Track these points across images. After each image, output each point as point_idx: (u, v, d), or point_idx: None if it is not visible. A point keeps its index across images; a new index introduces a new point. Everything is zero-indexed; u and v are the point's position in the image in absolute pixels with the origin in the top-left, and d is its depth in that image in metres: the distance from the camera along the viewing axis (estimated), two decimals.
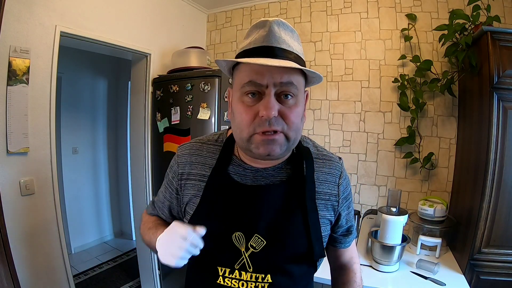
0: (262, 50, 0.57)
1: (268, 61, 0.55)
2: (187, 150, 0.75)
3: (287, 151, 0.64)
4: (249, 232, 0.64)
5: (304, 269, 0.69)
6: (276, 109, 0.56)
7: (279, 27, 0.59)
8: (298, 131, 0.62)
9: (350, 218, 0.77)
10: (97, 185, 3.55)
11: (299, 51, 0.62)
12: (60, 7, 1.58)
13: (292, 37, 0.61)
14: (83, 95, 3.32)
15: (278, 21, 0.59)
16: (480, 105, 1.49)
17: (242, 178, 0.68)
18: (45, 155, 1.59)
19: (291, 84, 0.57)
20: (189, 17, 2.50)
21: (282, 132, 0.58)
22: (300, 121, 0.61)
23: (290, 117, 0.58)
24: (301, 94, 0.62)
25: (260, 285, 0.64)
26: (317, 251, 0.66)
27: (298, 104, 0.60)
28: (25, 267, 1.48)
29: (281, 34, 0.59)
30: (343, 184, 0.73)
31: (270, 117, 0.56)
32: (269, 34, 0.58)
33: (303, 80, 0.62)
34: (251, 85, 0.57)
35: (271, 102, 0.56)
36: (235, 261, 0.65)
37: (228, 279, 0.65)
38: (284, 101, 0.58)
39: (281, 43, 0.58)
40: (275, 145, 0.58)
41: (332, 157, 0.74)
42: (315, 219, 0.67)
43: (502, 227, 1.38)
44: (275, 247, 0.64)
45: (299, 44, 0.63)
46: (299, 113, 0.61)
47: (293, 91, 0.58)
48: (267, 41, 0.58)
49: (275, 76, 0.56)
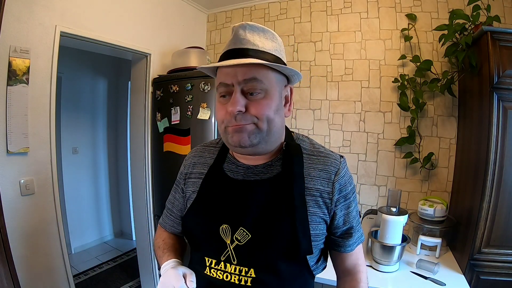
0: (229, 53, 0.64)
1: (228, 61, 0.60)
2: (192, 153, 0.83)
3: (264, 143, 0.65)
4: (235, 224, 0.66)
5: (294, 269, 0.67)
6: (242, 105, 0.61)
7: (245, 29, 0.64)
8: (271, 122, 0.64)
9: (349, 220, 0.73)
10: (97, 185, 3.55)
11: (270, 48, 0.65)
12: (60, 7, 1.58)
13: (264, 36, 0.65)
14: (83, 95, 3.32)
15: (244, 25, 0.64)
16: (480, 105, 1.49)
17: (234, 174, 0.72)
18: (45, 155, 1.59)
19: (255, 79, 0.61)
20: (189, 17, 2.50)
21: (252, 123, 0.63)
22: (272, 112, 0.64)
23: (258, 109, 0.62)
24: (272, 88, 0.64)
25: (244, 279, 0.64)
26: (303, 247, 0.64)
27: (269, 97, 0.63)
28: (25, 267, 1.48)
29: (246, 36, 0.64)
30: (340, 182, 0.70)
31: (234, 112, 0.61)
32: (233, 38, 0.64)
33: (275, 75, 0.65)
34: (222, 86, 0.64)
35: (235, 98, 0.61)
36: (221, 253, 0.66)
37: (214, 270, 0.67)
38: (252, 97, 0.63)
39: (245, 44, 0.63)
40: (244, 133, 0.63)
41: (330, 154, 0.73)
42: (303, 215, 0.66)
43: (502, 227, 1.38)
44: (260, 240, 0.64)
45: (272, 42, 0.67)
46: (270, 105, 0.63)
47: (259, 86, 0.62)
48: (233, 44, 0.64)
49: (238, 75, 0.61)
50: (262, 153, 0.69)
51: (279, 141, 0.71)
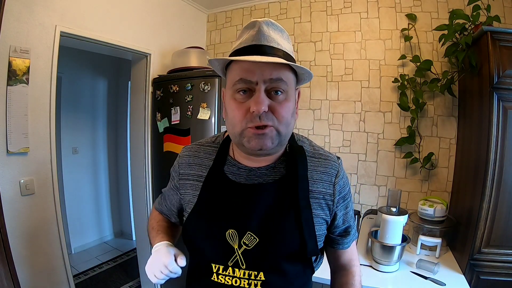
0: (252, 48, 0.60)
1: (257, 57, 0.57)
2: (187, 151, 0.79)
3: (279, 146, 0.65)
4: (241, 229, 0.65)
5: (299, 268, 0.68)
6: (266, 104, 0.58)
7: (268, 26, 0.62)
8: (289, 125, 0.63)
9: (347, 219, 0.76)
10: (97, 185, 3.54)
11: (289, 50, 0.64)
12: (60, 7, 1.58)
13: (282, 37, 0.64)
14: (83, 95, 3.32)
15: (268, 21, 0.62)
16: (480, 105, 1.49)
17: (236, 177, 0.70)
18: (45, 155, 1.59)
19: (280, 80, 0.59)
20: (189, 17, 2.50)
21: (272, 127, 0.60)
22: (290, 116, 0.63)
23: (281, 111, 0.60)
24: (291, 90, 0.63)
25: (253, 283, 0.64)
26: (310, 248, 0.65)
27: (289, 100, 0.62)
28: (25, 267, 1.48)
29: (270, 33, 0.61)
30: (340, 184, 0.71)
31: (260, 112, 0.58)
32: (258, 33, 0.61)
33: (293, 77, 0.64)
34: (242, 82, 0.59)
35: (261, 98, 0.58)
36: (228, 258, 0.65)
37: (222, 276, 0.66)
38: (275, 97, 0.60)
39: (270, 41, 0.61)
40: (266, 139, 0.60)
41: (329, 156, 0.73)
42: (309, 217, 0.67)
43: (502, 227, 1.38)
44: (268, 244, 0.64)
45: (288, 43, 0.65)
46: (290, 108, 0.62)
47: (283, 87, 0.60)
48: (256, 39, 0.60)
49: (264, 73, 0.58)
50: (272, 155, 0.69)
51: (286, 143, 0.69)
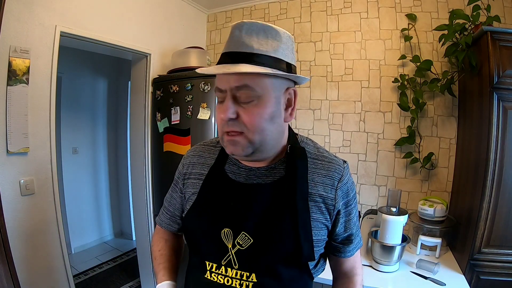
0: (225, 56, 0.61)
1: (217, 69, 0.59)
2: (191, 152, 0.81)
3: (259, 152, 0.64)
4: (236, 229, 0.65)
5: (295, 273, 0.66)
6: (232, 112, 0.59)
7: (241, 30, 0.60)
8: (263, 132, 0.61)
9: (350, 226, 0.73)
10: (97, 185, 3.54)
11: (269, 49, 0.60)
12: (60, 7, 1.58)
13: (264, 35, 0.60)
14: (83, 95, 3.32)
15: (240, 24, 0.60)
16: (480, 105, 1.49)
17: (236, 176, 0.70)
18: (45, 155, 1.59)
19: (246, 87, 0.59)
20: (189, 17, 2.50)
21: (243, 133, 0.61)
22: (263, 122, 0.61)
23: (248, 119, 0.60)
24: (267, 95, 0.60)
25: (245, 284, 0.64)
26: (306, 253, 0.64)
27: (262, 105, 0.60)
28: (25, 267, 1.48)
29: (241, 37, 0.60)
30: (342, 189, 0.69)
31: (224, 119, 0.60)
32: (230, 40, 0.61)
33: (272, 79, 0.61)
34: (218, 90, 0.63)
35: (225, 106, 0.60)
36: (222, 257, 0.65)
37: (215, 275, 0.66)
38: (245, 104, 0.60)
39: (239, 47, 0.59)
40: (236, 146, 0.62)
41: (334, 159, 0.71)
42: (306, 220, 0.65)
43: (502, 227, 1.38)
44: (262, 246, 0.63)
45: (274, 41, 0.61)
46: (262, 114, 0.60)
47: (250, 93, 0.59)
48: (227, 47, 0.61)
49: (230, 81, 0.59)
50: (261, 160, 0.68)
51: (278, 147, 0.68)
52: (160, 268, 0.78)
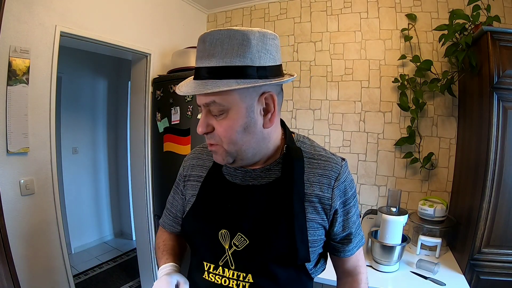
0: (195, 71, 0.62)
1: (185, 88, 0.61)
2: (191, 155, 0.83)
3: (240, 160, 0.66)
4: (233, 230, 0.66)
5: (291, 274, 0.66)
6: (204, 126, 0.62)
7: (204, 42, 0.58)
8: (236, 143, 0.62)
9: (348, 225, 0.71)
10: (97, 185, 3.54)
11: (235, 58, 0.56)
12: (60, 7, 1.58)
13: (229, 43, 0.56)
14: (83, 95, 3.32)
15: (203, 37, 0.58)
16: (480, 105, 1.49)
17: (233, 178, 0.71)
18: (45, 155, 1.59)
19: (213, 102, 0.59)
20: (189, 17, 2.50)
21: (220, 145, 0.64)
22: (236, 133, 0.61)
23: (219, 132, 0.62)
24: (236, 107, 0.59)
25: (241, 284, 0.64)
26: (301, 255, 0.63)
27: (232, 118, 0.60)
28: (25, 267, 1.48)
29: (205, 51, 0.58)
30: (340, 188, 0.68)
31: (201, 134, 0.63)
32: (196, 53, 0.61)
33: (241, 90, 0.58)
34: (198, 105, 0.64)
35: (201, 121, 0.63)
36: (219, 258, 0.66)
37: (212, 275, 0.67)
38: (217, 117, 0.61)
39: (202, 62, 0.58)
40: (217, 155, 0.65)
41: (331, 158, 0.70)
42: (302, 221, 0.64)
43: (502, 227, 1.38)
44: (257, 247, 0.63)
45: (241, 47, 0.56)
46: (233, 126, 0.60)
47: (218, 108, 0.60)
48: (195, 61, 0.62)
49: (200, 98, 0.61)
50: (249, 165, 0.69)
51: (263, 152, 0.67)
52: (164, 254, 0.77)
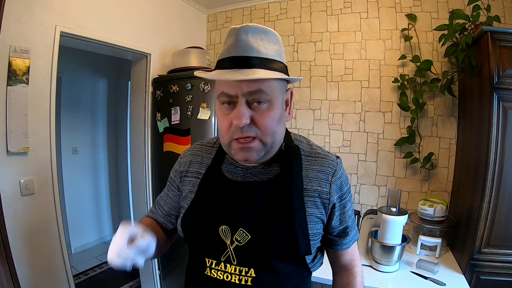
0: (231, 60, 0.60)
1: (233, 75, 0.57)
2: (189, 151, 0.83)
3: (268, 155, 0.67)
4: (234, 225, 0.66)
5: (292, 268, 0.68)
6: (247, 117, 0.60)
7: (247, 33, 0.60)
8: (274, 134, 0.64)
9: (345, 219, 0.75)
10: (97, 185, 3.54)
11: (271, 53, 0.62)
12: (60, 7, 1.58)
13: (265, 39, 0.62)
14: (83, 95, 3.32)
15: (246, 28, 0.60)
16: (480, 105, 1.49)
17: (233, 175, 0.73)
18: (45, 155, 1.59)
19: (260, 91, 0.60)
20: (189, 17, 2.50)
21: (257, 138, 0.62)
22: (275, 124, 0.63)
23: (263, 122, 0.61)
24: (276, 97, 0.63)
25: (244, 279, 0.65)
26: (302, 248, 0.65)
27: (273, 108, 0.62)
28: (25, 267, 1.48)
29: (248, 41, 0.60)
30: (337, 183, 0.72)
31: (241, 126, 0.60)
32: (236, 44, 0.60)
33: (277, 82, 0.63)
34: (224, 95, 0.62)
35: (241, 112, 0.59)
36: (221, 254, 0.67)
37: (214, 271, 0.68)
38: (257, 107, 0.61)
39: (248, 51, 0.59)
40: (251, 152, 0.63)
41: (327, 155, 0.74)
42: (302, 216, 0.67)
43: (502, 227, 1.38)
44: (259, 241, 0.65)
45: (275, 44, 0.64)
46: (274, 116, 0.63)
47: (264, 97, 0.61)
48: (235, 51, 0.60)
49: (243, 87, 0.59)
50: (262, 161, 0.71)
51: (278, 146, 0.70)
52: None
